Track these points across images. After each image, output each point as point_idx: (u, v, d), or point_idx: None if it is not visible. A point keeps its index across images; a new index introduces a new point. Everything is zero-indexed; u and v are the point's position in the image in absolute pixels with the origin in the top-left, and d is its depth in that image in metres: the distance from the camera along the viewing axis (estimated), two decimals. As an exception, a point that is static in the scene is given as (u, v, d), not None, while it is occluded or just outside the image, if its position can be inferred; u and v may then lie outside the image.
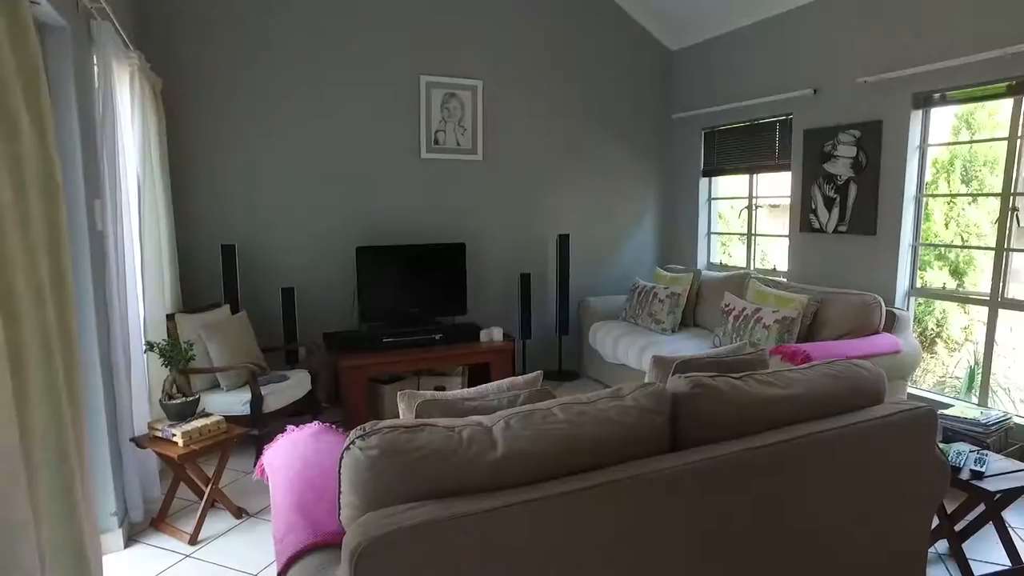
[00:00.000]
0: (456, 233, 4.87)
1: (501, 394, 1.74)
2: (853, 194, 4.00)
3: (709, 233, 5.42)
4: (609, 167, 5.36)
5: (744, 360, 2.05)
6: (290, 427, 2.15)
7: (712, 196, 5.37)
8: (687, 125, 5.40)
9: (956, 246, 5.29)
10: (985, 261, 5.13)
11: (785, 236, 4.64)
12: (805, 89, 4.25)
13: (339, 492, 1.39)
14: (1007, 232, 3.37)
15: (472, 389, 1.84)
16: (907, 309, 3.84)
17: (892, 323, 3.64)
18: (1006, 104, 3.50)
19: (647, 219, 5.62)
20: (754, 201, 4.95)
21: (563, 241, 5.00)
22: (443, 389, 4.38)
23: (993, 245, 3.47)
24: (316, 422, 2.14)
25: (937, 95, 3.56)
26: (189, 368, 3.04)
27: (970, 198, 5.36)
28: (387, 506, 1.30)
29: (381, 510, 1.27)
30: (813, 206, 4.26)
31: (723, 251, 5.85)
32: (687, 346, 4.10)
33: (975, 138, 5.29)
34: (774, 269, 4.83)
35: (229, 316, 3.87)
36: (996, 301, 3.45)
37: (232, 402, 3.45)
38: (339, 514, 1.41)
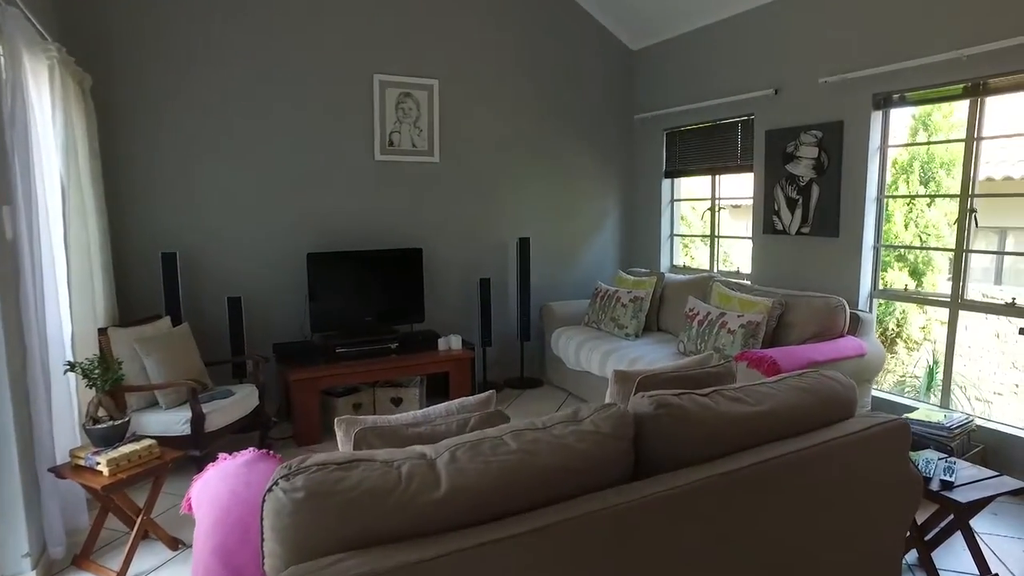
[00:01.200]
0: (412, 238, 4.69)
1: (450, 417, 1.59)
2: (816, 195, 3.96)
3: (672, 235, 5.35)
4: (570, 169, 5.25)
5: (711, 373, 1.93)
6: (222, 455, 1.96)
7: (675, 198, 5.31)
8: (649, 126, 5.32)
9: (917, 248, 5.33)
10: (942, 261, 5.19)
11: (748, 238, 4.59)
12: (766, 89, 4.20)
13: (261, 539, 1.22)
14: (966, 233, 3.36)
15: (419, 412, 1.68)
16: (870, 311, 3.82)
17: (856, 325, 3.61)
18: (962, 106, 3.50)
19: (609, 221, 5.53)
20: (717, 203, 4.89)
21: (524, 244, 4.87)
22: (399, 401, 4.21)
23: (952, 246, 3.46)
24: (251, 449, 1.95)
25: (896, 96, 3.54)
26: (120, 387, 2.80)
27: (928, 199, 5.41)
28: (314, 557, 1.14)
29: (306, 563, 1.11)
30: (776, 207, 4.22)
31: (685, 253, 5.81)
32: (651, 352, 4.01)
33: (932, 139, 5.34)
34: (737, 271, 4.78)
35: (170, 329, 3.62)
36: (956, 302, 3.43)
37: (172, 421, 3.22)
38: (262, 563, 1.24)
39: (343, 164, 4.40)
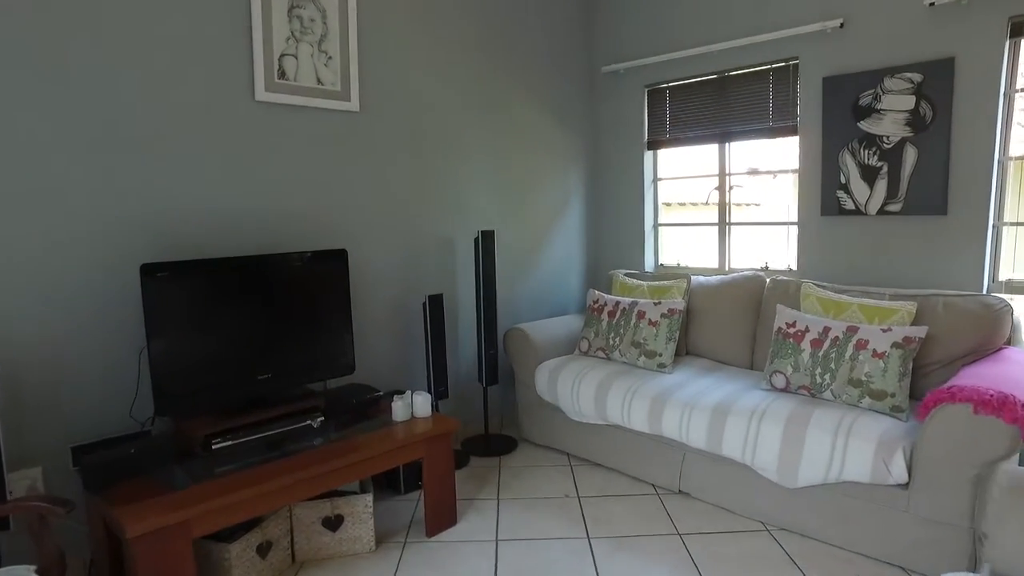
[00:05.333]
0: (326, 234, 2.86)
1: None
2: (911, 160, 2.94)
3: (656, 225, 4.11)
4: (524, 135, 3.76)
5: None
6: None
7: (658, 176, 4.08)
8: (623, 81, 4.02)
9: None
10: None
11: (786, 224, 3.49)
12: (825, 21, 3.11)
13: None
14: None
15: None
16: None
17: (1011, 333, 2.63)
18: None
19: (574, 209, 4.13)
20: (729, 179, 3.74)
21: (486, 241, 3.27)
22: (339, 521, 2.38)
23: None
24: None
25: (1041, 20, 2.63)
26: None
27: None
28: None
29: None
30: (843, 179, 3.15)
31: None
32: (740, 396, 2.68)
33: None
34: (766, 268, 3.67)
35: None
36: None
37: None
38: None
39: (201, 110, 2.44)
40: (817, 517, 2.36)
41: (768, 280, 3.19)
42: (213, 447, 2.20)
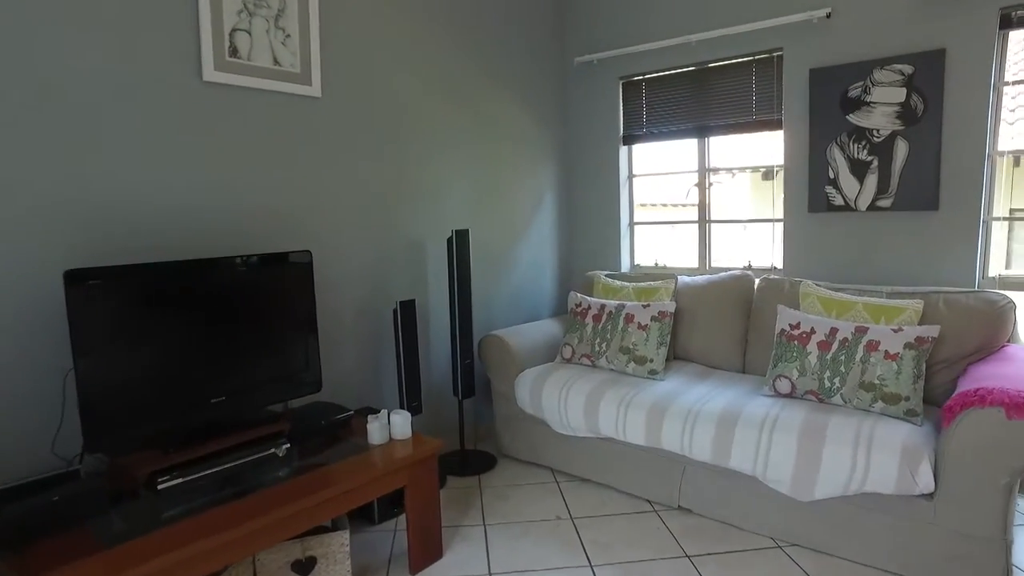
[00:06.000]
0: (284, 233, 2.53)
1: None
2: (902, 154, 2.86)
3: (632, 223, 3.94)
4: (495, 129, 3.51)
5: None
6: None
7: (633, 173, 3.91)
8: (597, 72, 3.84)
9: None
10: None
11: (771, 220, 3.38)
12: (811, 10, 3.01)
13: None
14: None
15: None
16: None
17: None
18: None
19: (546, 207, 3.91)
20: (709, 175, 3.60)
21: (460, 242, 3.01)
22: (311, 564, 2.07)
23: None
24: None
25: (1033, 11, 2.58)
26: None
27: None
28: None
29: None
30: (832, 175, 3.05)
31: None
32: (744, 402, 2.51)
33: None
34: (749, 267, 3.54)
35: None
36: (1117, 289, 2.59)
37: None
38: None
39: (139, 91, 2.08)
40: (833, 531, 2.21)
41: (758, 279, 3.06)
42: (159, 487, 1.85)
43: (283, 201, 2.52)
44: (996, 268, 2.84)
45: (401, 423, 2.29)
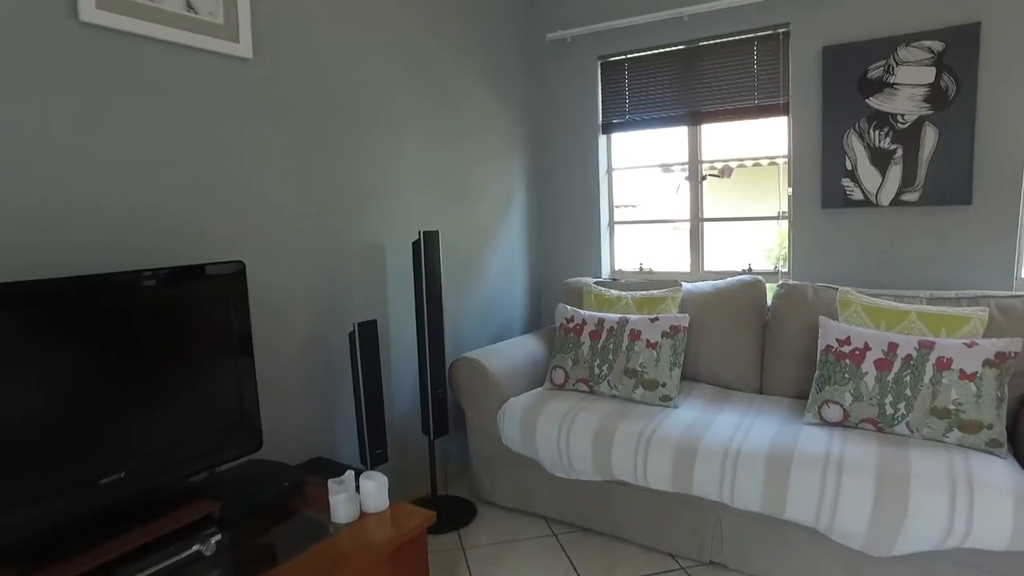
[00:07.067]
0: (203, 240, 1.89)
1: None
2: (930, 143, 2.55)
3: (612, 223, 3.49)
4: (461, 116, 2.97)
5: None
6: None
7: (613, 166, 3.46)
8: (572, 51, 3.36)
9: None
10: None
11: (776, 219, 3.01)
12: (825, -21, 2.66)
13: None
14: None
15: None
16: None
17: (1067, 339, 2.28)
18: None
19: (516, 205, 3.39)
20: (702, 168, 3.20)
21: (428, 245, 2.45)
22: None
23: None
24: None
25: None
26: None
27: None
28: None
29: None
30: (850, 165, 2.70)
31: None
32: (792, 435, 2.09)
33: None
34: (748, 270, 3.16)
35: None
36: None
37: None
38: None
39: (-33, 20, 1.41)
40: (913, 592, 1.83)
41: (777, 286, 2.67)
42: (16, 629, 1.20)
43: (203, 196, 1.88)
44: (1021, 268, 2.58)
45: (375, 491, 1.71)
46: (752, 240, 4.45)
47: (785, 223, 2.94)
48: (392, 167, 2.57)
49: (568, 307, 2.75)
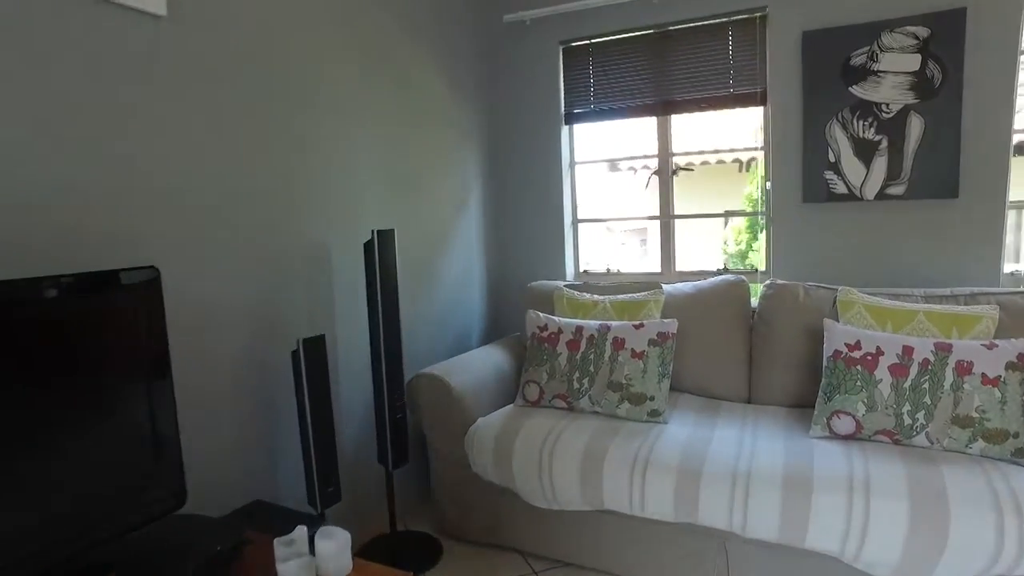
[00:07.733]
0: (107, 241, 1.49)
1: None
2: (916, 133, 2.43)
3: (576, 221, 3.24)
4: (412, 103, 2.64)
5: None
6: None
7: (576, 159, 3.21)
8: (532, 35, 3.09)
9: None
10: None
11: (751, 213, 2.83)
12: (806, -40, 2.51)
13: None
14: None
15: None
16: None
17: (1063, 337, 2.19)
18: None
19: (472, 202, 3.09)
20: (671, 161, 3.00)
21: (383, 246, 2.11)
22: None
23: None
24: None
25: (1062, -33, 2.24)
26: None
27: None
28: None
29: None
30: (833, 158, 2.56)
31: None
32: (805, 453, 1.89)
33: None
34: (724, 269, 2.97)
35: None
36: None
37: None
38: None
39: None
40: (945, 623, 1.64)
41: (763, 286, 2.48)
42: None
43: (105, 187, 1.48)
44: (1008, 264, 2.51)
45: (335, 553, 1.36)
46: (703, 239, 4.35)
47: (743, 220, 2.77)
48: (337, 156, 2.21)
49: (540, 314, 2.47)
